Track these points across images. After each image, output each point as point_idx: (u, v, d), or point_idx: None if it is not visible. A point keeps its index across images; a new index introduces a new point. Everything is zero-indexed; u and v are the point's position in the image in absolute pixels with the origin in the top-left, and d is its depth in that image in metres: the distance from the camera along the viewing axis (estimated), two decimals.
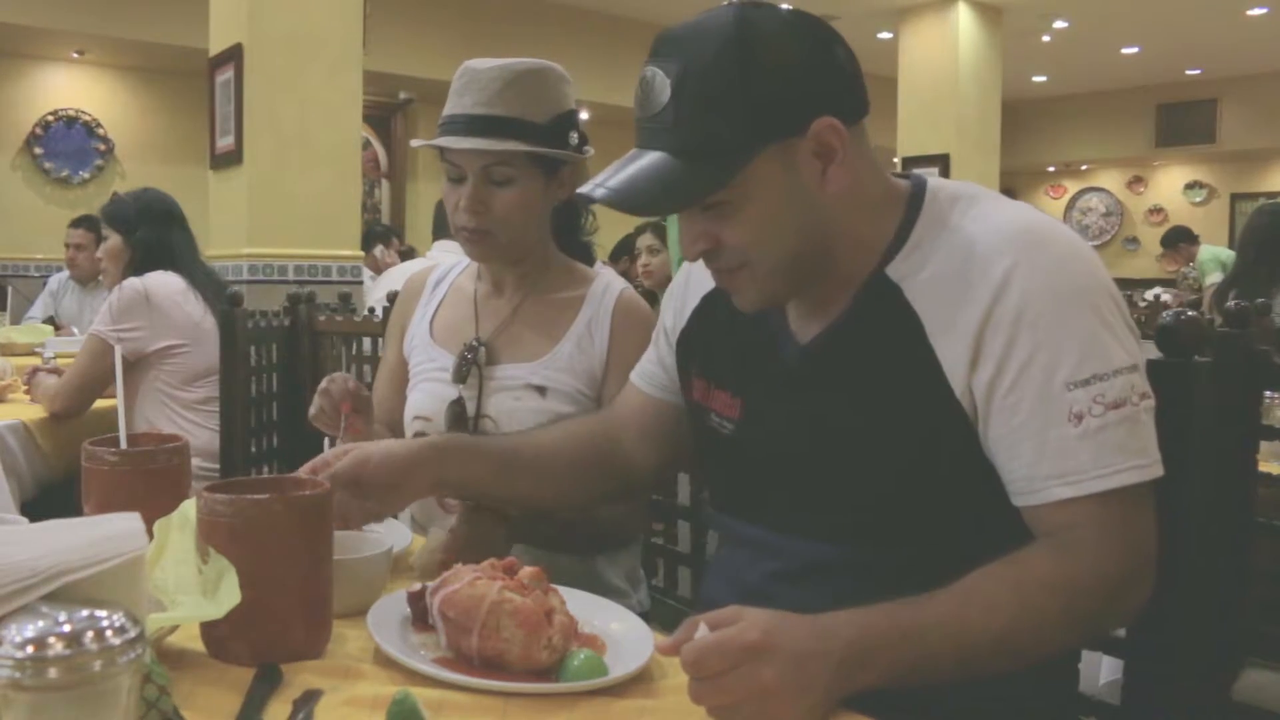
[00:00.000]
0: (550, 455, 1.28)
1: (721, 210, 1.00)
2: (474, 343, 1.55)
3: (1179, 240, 8.07)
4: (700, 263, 1.08)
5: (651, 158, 0.99)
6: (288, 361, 2.80)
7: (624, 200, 1.00)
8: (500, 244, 1.50)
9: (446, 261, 1.74)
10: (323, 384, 1.42)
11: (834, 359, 1.07)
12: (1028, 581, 0.93)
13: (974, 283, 0.98)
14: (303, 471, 1.14)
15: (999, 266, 0.97)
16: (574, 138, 1.50)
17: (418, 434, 1.56)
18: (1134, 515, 0.95)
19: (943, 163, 8.07)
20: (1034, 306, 0.96)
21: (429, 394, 1.56)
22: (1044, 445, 0.95)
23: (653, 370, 1.32)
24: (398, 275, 4.10)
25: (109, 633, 0.59)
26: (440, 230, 3.92)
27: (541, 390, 1.50)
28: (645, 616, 1.26)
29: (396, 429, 1.65)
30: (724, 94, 0.97)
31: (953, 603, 0.91)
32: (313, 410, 1.43)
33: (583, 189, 1.03)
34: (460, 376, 1.53)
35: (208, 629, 0.94)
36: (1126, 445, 0.94)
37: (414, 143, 1.62)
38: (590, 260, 1.68)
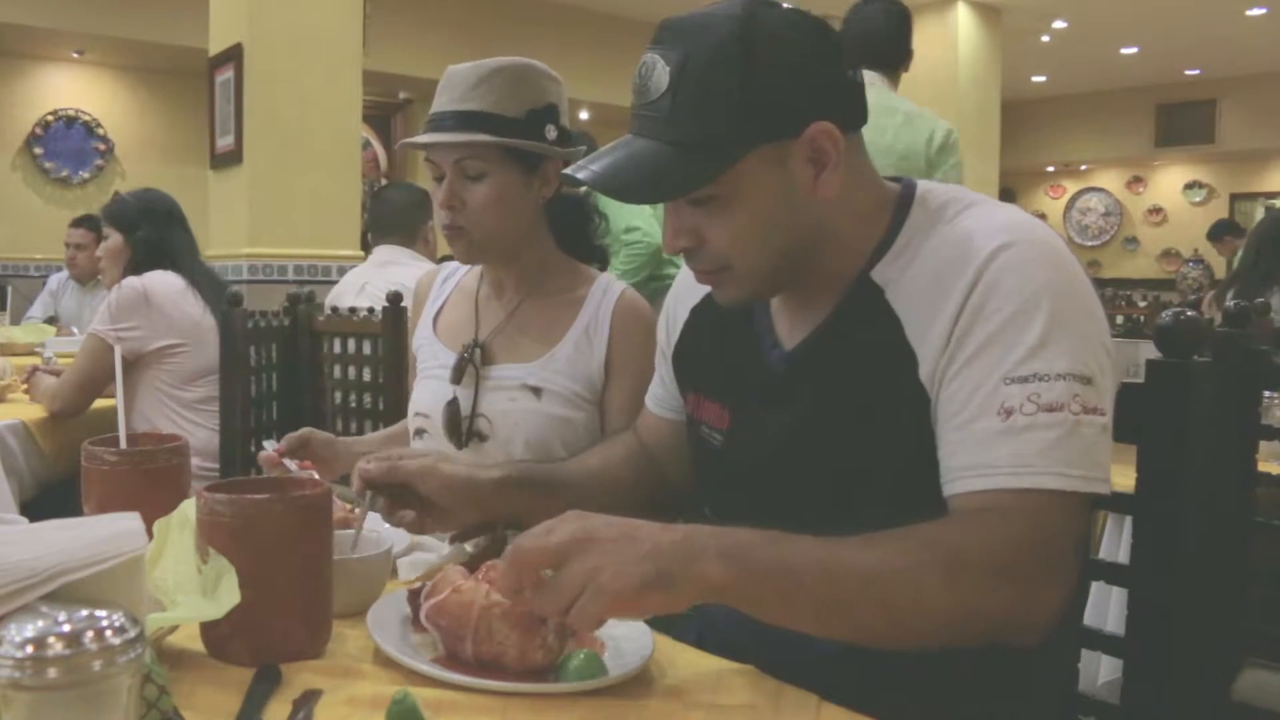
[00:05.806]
0: (596, 481, 1.28)
1: (708, 206, 1.00)
2: (472, 343, 1.56)
3: (1224, 232, 8.30)
4: (689, 277, 1.08)
5: (643, 145, 0.99)
6: (287, 361, 2.80)
7: (608, 184, 0.99)
8: (477, 240, 1.50)
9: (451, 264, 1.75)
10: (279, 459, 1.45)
11: (818, 364, 1.06)
12: (912, 535, 0.90)
13: (952, 284, 0.97)
14: (372, 460, 1.18)
15: (974, 264, 0.96)
16: (551, 131, 1.48)
17: (418, 430, 1.59)
18: (1049, 520, 0.91)
19: None
20: (994, 301, 0.95)
21: (429, 391, 1.58)
22: (967, 436, 0.94)
23: (660, 393, 1.31)
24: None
25: (109, 633, 0.59)
26: (379, 233, 3.24)
27: (537, 391, 1.50)
28: None
29: None
30: (722, 88, 0.96)
31: (832, 537, 0.89)
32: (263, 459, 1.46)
33: (568, 169, 1.03)
34: (457, 376, 1.54)
35: (208, 629, 0.94)
36: (1051, 451, 0.90)
37: (400, 143, 1.64)
38: (604, 263, 1.67)
